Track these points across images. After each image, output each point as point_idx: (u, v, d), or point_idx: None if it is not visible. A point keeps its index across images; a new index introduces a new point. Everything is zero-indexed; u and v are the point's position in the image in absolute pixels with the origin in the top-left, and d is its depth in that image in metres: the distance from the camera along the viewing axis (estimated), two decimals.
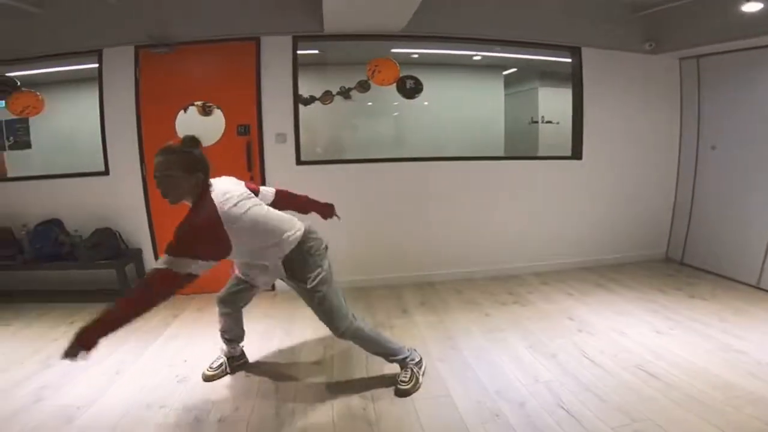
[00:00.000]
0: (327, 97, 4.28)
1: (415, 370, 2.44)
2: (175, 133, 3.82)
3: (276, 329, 3.25)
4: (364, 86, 4.10)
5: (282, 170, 3.89)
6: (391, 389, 2.40)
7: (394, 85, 4.04)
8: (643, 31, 4.20)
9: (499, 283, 4.04)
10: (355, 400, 2.34)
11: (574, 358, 2.68)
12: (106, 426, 2.16)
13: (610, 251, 4.50)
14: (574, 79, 4.28)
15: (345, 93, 4.28)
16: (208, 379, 2.57)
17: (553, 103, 6.19)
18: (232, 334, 2.62)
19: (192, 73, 3.85)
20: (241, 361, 2.72)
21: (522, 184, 4.27)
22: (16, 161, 4.38)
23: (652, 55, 4.25)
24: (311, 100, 4.24)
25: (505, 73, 6.06)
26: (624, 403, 2.23)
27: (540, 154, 5.78)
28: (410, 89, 4.05)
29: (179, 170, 1.92)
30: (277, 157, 3.89)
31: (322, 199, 2.73)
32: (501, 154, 5.52)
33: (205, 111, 3.96)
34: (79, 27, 3.72)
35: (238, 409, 2.30)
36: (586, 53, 4.20)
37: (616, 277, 4.11)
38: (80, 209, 3.96)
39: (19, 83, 3.88)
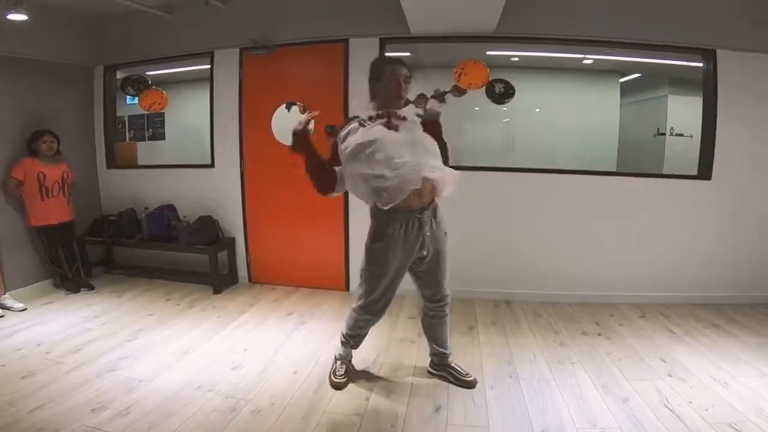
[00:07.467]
0: (420, 99, 4.18)
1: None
2: (270, 131, 4.04)
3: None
4: (460, 90, 3.93)
5: None
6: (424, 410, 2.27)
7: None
8: None
9: (588, 311, 3.58)
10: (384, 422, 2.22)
11: (650, 406, 2.27)
12: (157, 400, 2.32)
13: (737, 288, 3.72)
14: (706, 86, 3.65)
15: (440, 96, 4.15)
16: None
17: (686, 113, 5.37)
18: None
19: (288, 74, 4.03)
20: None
21: (635, 203, 3.73)
22: (151, 151, 5.02)
23: None
24: (405, 102, 4.19)
25: (622, 80, 5.38)
26: None
27: (665, 171, 5.04)
28: (499, 94, 3.75)
29: None
30: None
31: None
32: (613, 168, 4.91)
33: (305, 110, 4.09)
34: (196, 30, 4.14)
35: (273, 404, 2.31)
36: (722, 56, 3.55)
37: (738, 319, 3.40)
38: (190, 198, 4.38)
39: (150, 82, 4.41)
